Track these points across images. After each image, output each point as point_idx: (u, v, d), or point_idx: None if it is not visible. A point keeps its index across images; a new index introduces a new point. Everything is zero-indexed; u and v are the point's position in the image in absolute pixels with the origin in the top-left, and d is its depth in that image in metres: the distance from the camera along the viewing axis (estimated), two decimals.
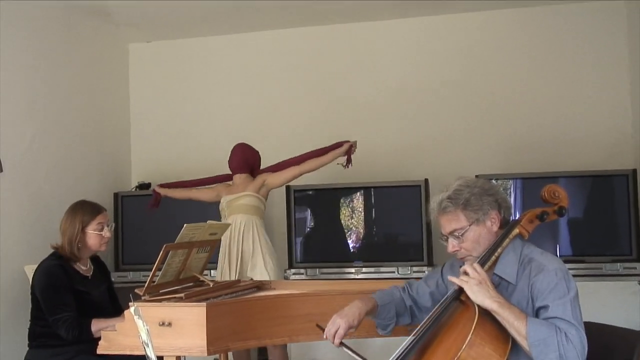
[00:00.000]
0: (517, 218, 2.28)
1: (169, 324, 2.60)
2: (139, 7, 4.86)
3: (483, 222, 2.21)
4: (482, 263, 2.15)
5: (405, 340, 2.15)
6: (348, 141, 4.25)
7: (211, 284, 3.01)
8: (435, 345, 2.09)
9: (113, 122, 5.50)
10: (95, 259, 3.42)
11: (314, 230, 5.03)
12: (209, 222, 3.06)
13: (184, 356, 2.65)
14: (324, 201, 5.01)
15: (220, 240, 3.22)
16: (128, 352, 2.67)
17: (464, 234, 2.20)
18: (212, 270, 4.45)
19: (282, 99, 5.48)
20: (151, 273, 2.74)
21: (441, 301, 2.21)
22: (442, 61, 5.23)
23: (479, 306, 2.03)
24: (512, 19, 5.13)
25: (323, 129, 5.23)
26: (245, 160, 4.31)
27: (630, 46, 4.85)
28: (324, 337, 2.36)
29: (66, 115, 4.79)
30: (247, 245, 4.08)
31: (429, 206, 2.33)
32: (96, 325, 3.06)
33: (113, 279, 3.82)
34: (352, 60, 5.39)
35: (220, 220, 4.19)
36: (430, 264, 4.59)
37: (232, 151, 4.35)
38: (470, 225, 2.20)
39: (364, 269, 4.64)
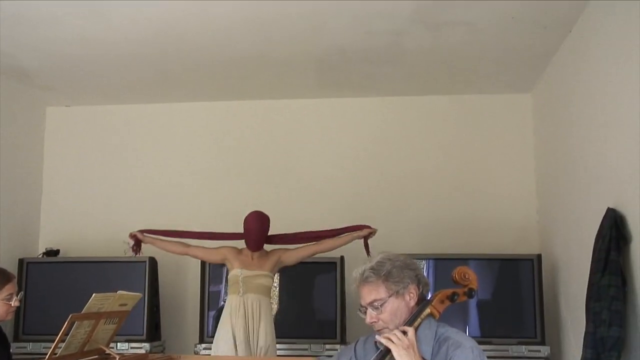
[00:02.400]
0: (429, 298, 2.34)
1: None
2: (59, 70, 4.81)
3: (402, 296, 2.25)
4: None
5: None
6: (369, 227, 4.18)
7: (117, 357, 2.89)
8: None
9: (23, 186, 5.32)
10: None
11: None
12: (119, 292, 2.96)
13: None
14: None
15: (129, 311, 3.10)
16: None
17: (383, 304, 2.23)
18: (118, 343, 4.27)
19: (202, 170, 5.47)
20: (53, 344, 2.61)
21: None
22: (359, 143, 5.41)
23: None
24: (427, 106, 5.39)
25: (240, 201, 5.22)
26: (265, 236, 4.10)
27: (536, 137, 5.17)
28: None
29: None
30: (260, 327, 4.00)
31: (351, 276, 2.36)
32: None
33: (11, 351, 3.60)
34: (269, 135, 5.48)
35: (230, 289, 4.08)
36: (343, 341, 4.58)
37: (249, 221, 4.06)
38: (389, 297, 2.24)
39: (277, 345, 4.56)
